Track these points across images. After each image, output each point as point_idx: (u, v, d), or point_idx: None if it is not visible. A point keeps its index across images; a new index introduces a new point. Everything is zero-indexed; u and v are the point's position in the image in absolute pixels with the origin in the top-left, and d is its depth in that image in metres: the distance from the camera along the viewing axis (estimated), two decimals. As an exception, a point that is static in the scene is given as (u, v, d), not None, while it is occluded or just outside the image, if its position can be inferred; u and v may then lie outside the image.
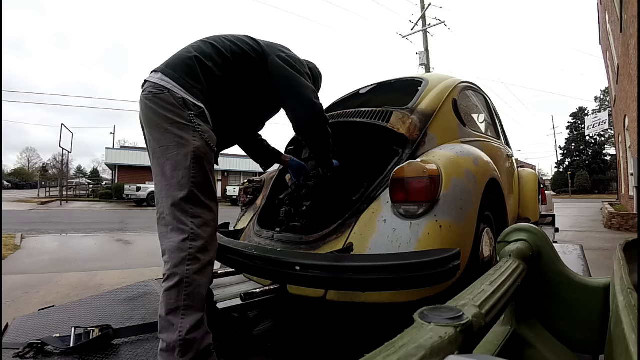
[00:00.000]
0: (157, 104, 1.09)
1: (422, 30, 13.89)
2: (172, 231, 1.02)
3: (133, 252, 4.88)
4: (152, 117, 1.10)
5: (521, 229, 0.75)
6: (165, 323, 0.96)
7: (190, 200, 1.04)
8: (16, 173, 47.18)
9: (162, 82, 1.11)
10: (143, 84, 1.17)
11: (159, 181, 1.08)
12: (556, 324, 0.71)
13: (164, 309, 0.97)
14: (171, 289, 0.97)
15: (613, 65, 10.52)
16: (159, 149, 1.08)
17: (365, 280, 1.03)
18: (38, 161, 50.87)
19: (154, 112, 1.09)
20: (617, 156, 14.23)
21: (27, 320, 1.48)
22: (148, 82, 1.15)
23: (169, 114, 1.08)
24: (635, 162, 7.39)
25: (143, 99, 1.13)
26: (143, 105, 1.13)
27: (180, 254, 1.00)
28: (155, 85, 1.12)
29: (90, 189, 24.33)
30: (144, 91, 1.14)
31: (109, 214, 11.83)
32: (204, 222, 1.05)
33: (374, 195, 1.37)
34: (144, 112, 1.13)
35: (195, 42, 1.26)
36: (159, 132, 1.08)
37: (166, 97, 1.09)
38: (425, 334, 0.29)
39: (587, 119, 21.90)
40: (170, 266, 0.99)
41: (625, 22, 6.68)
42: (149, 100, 1.11)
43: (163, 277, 1.00)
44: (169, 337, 0.95)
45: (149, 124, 1.11)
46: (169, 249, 1.01)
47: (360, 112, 1.65)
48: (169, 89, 1.10)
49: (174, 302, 0.96)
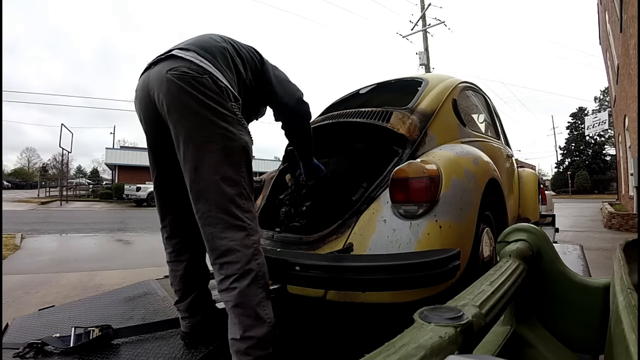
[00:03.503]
0: (195, 88, 0.95)
1: (422, 30, 13.89)
2: (227, 229, 0.95)
3: (133, 252, 4.88)
4: (187, 102, 0.95)
5: (521, 229, 0.75)
6: (251, 320, 0.91)
7: (243, 195, 0.99)
8: (16, 173, 47.16)
9: (201, 64, 0.98)
10: (161, 60, 1.02)
11: (191, 175, 0.96)
12: (556, 324, 0.71)
13: (247, 307, 0.91)
14: (250, 285, 0.93)
15: (613, 65, 10.52)
16: (197, 140, 0.95)
17: (365, 281, 1.03)
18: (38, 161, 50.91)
19: (191, 97, 0.95)
20: (617, 156, 14.23)
21: (27, 320, 1.47)
22: (176, 58, 1.00)
23: (211, 102, 0.96)
24: (635, 162, 7.39)
25: (171, 78, 0.95)
26: (171, 86, 0.95)
27: (248, 250, 0.95)
28: (191, 66, 0.97)
29: (90, 189, 24.32)
30: (172, 69, 0.97)
31: (109, 214, 11.83)
32: (253, 215, 1.02)
33: (374, 196, 1.37)
34: (172, 94, 0.96)
35: (210, 35, 1.16)
36: (197, 121, 0.96)
37: (207, 82, 0.97)
38: (425, 334, 0.29)
39: (587, 119, 21.91)
40: (242, 264, 0.93)
41: (625, 22, 6.68)
42: (183, 82, 0.95)
43: (226, 277, 0.94)
44: (259, 331, 0.91)
45: (180, 108, 0.96)
46: (233, 248, 0.94)
47: (360, 112, 1.65)
48: (211, 73, 0.98)
49: (256, 297, 0.93)
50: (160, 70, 0.98)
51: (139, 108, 1.10)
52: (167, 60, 1.00)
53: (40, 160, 50.68)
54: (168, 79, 0.96)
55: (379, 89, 2.24)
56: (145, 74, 1.05)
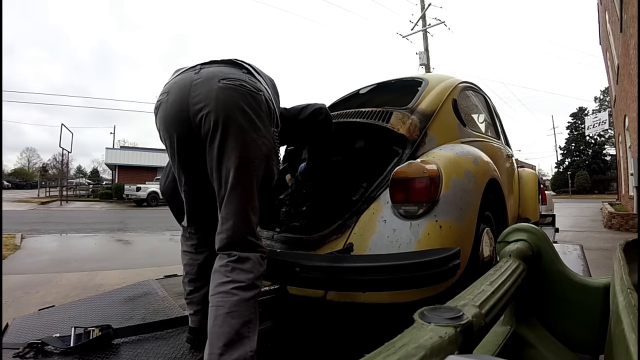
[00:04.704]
0: (249, 104, 0.92)
1: (422, 30, 13.89)
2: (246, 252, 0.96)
3: (133, 252, 4.88)
4: (238, 118, 0.91)
5: (521, 229, 0.75)
6: (237, 337, 0.87)
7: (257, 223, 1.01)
8: (16, 173, 47.14)
9: (257, 84, 0.97)
10: (207, 64, 0.98)
11: (223, 193, 0.95)
12: (556, 324, 0.71)
13: (239, 318, 0.87)
14: (250, 300, 0.91)
15: (613, 65, 10.52)
16: (238, 160, 0.92)
17: (365, 281, 1.03)
18: (38, 161, 50.88)
19: (243, 114, 0.92)
20: (617, 156, 14.23)
21: (27, 320, 1.47)
22: (231, 65, 0.97)
23: (260, 123, 0.94)
24: (635, 162, 7.39)
25: (229, 87, 0.91)
26: (225, 96, 0.91)
27: (261, 268, 0.98)
28: (248, 80, 0.95)
29: (90, 189, 24.31)
30: (226, 79, 0.92)
31: (109, 214, 11.83)
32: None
33: (374, 196, 1.37)
34: (224, 105, 0.90)
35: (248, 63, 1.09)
36: (248, 135, 0.92)
37: (262, 100, 0.96)
38: (425, 334, 0.29)
39: (587, 119, 21.92)
40: (253, 277, 0.93)
41: (625, 22, 6.68)
42: (239, 94, 0.92)
43: (232, 281, 0.92)
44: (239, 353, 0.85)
45: (227, 121, 0.91)
46: (250, 258, 0.95)
47: (360, 112, 1.65)
48: (264, 94, 0.97)
49: (249, 314, 0.90)
50: (211, 77, 0.93)
51: (168, 112, 0.99)
52: (219, 66, 0.96)
53: (40, 160, 50.72)
54: (222, 87, 0.91)
55: (379, 89, 2.24)
56: (185, 76, 0.98)
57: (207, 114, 0.91)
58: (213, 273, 0.97)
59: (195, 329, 1.15)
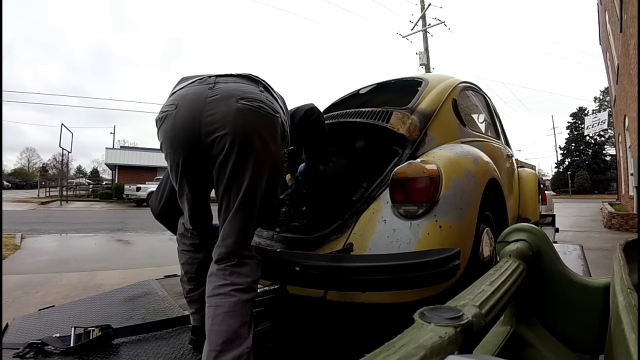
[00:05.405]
0: (268, 129, 0.93)
1: (422, 30, 13.89)
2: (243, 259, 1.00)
3: (133, 252, 4.88)
4: (263, 139, 0.93)
5: (521, 229, 0.75)
6: (235, 335, 0.89)
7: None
8: (16, 173, 47.14)
9: (274, 105, 0.98)
10: (223, 77, 0.97)
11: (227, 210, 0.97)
12: (556, 324, 0.71)
13: (237, 318, 0.89)
14: (247, 302, 0.92)
15: (613, 65, 10.52)
16: (257, 178, 0.94)
17: (365, 281, 1.03)
18: (38, 161, 50.90)
19: (268, 133, 0.93)
20: (617, 156, 14.23)
21: (27, 320, 1.48)
22: (248, 82, 0.97)
23: (274, 146, 0.96)
24: (635, 162, 7.40)
25: (248, 109, 0.90)
26: (244, 117, 0.90)
27: (258, 274, 1.02)
28: (267, 101, 0.96)
29: (90, 189, 24.32)
30: (245, 98, 0.91)
31: (109, 214, 11.83)
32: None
33: (374, 196, 1.37)
34: (242, 127, 0.89)
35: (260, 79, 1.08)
36: (261, 159, 0.93)
37: (278, 123, 0.97)
38: (425, 334, 0.29)
39: (586, 119, 21.88)
40: (251, 280, 0.96)
41: (625, 22, 6.68)
42: (260, 117, 0.92)
43: (230, 284, 0.93)
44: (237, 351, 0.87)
45: (252, 140, 0.91)
46: (248, 264, 0.99)
47: (360, 112, 1.65)
48: (280, 116, 0.98)
49: (247, 315, 0.92)
50: (227, 96, 0.90)
51: (176, 126, 0.94)
52: (235, 81, 0.94)
53: (40, 160, 50.74)
54: (240, 109, 0.89)
55: (379, 89, 2.24)
56: (198, 90, 0.94)
57: (223, 135, 0.89)
58: (209, 276, 0.97)
59: (198, 328, 1.15)
